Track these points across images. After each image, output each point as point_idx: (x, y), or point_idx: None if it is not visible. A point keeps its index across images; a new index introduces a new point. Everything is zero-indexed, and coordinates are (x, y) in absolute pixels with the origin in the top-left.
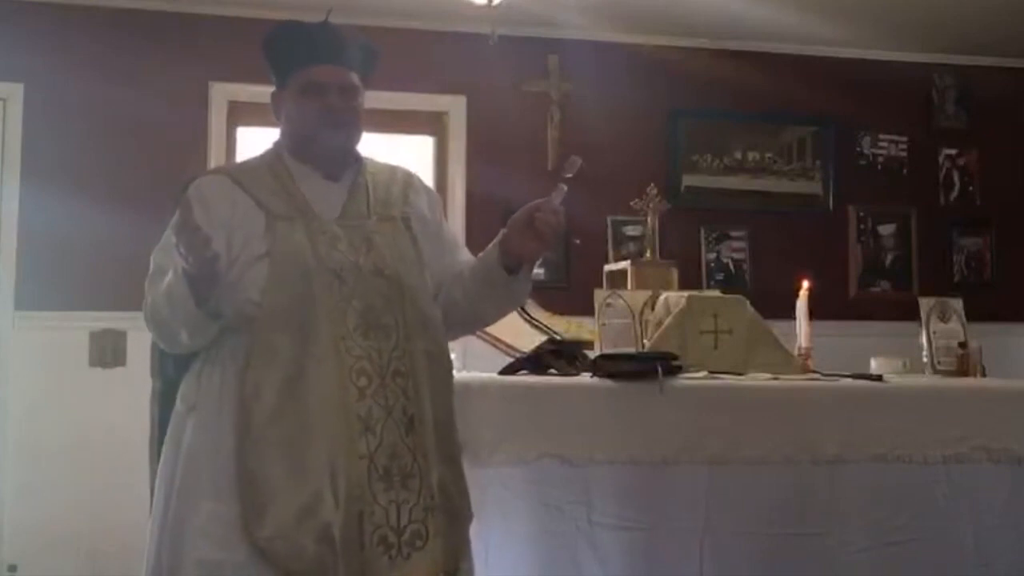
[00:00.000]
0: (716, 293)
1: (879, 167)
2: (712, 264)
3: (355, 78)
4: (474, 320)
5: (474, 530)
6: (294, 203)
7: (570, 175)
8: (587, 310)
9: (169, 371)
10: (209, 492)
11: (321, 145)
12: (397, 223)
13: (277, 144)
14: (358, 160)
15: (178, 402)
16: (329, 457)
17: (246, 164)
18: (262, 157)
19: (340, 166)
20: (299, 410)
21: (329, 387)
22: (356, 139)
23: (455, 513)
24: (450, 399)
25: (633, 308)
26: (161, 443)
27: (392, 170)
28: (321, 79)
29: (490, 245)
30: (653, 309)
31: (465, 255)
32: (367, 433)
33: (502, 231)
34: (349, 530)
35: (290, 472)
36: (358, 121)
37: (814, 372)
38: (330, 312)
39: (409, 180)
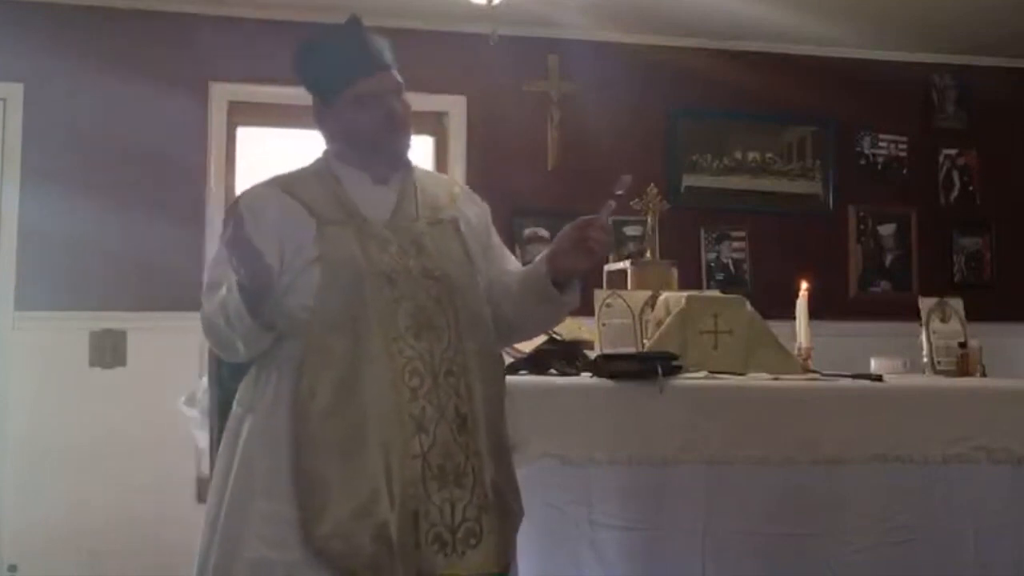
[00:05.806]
0: (716, 293)
1: (879, 167)
2: (712, 264)
3: (400, 77)
4: (518, 332)
5: None
6: (343, 208)
7: (620, 192)
8: (587, 310)
9: (225, 379)
10: (263, 492)
11: (389, 150)
12: (446, 225)
13: (325, 153)
14: (407, 164)
15: (235, 405)
16: (384, 457)
17: (295, 173)
18: (311, 166)
19: (398, 168)
20: (354, 410)
21: (383, 388)
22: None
23: (508, 511)
24: (502, 399)
25: (633, 308)
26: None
27: (438, 177)
28: (376, 89)
29: (537, 259)
30: (653, 309)
31: (513, 264)
32: (420, 433)
33: (549, 247)
34: (405, 529)
35: (346, 472)
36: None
37: (814, 372)
38: (381, 314)
39: (456, 187)
